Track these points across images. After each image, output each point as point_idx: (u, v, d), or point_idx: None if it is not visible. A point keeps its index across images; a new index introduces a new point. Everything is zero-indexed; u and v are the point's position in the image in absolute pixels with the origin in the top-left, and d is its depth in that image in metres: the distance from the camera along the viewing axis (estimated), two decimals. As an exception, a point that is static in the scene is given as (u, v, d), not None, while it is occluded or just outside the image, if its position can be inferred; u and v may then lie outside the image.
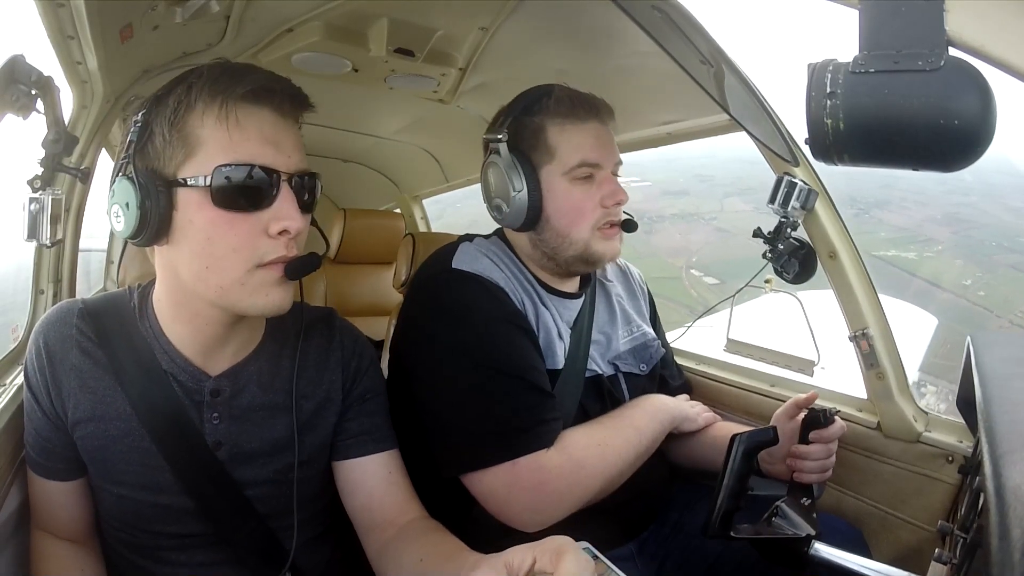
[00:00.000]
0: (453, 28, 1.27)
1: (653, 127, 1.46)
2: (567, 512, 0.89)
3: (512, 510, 0.88)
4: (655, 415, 1.05)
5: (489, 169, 1.04)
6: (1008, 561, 0.38)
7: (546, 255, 1.04)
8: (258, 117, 0.70)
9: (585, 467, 0.91)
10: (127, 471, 0.77)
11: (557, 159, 1.00)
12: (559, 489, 0.88)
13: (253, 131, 0.69)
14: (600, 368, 1.08)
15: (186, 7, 1.02)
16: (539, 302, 1.04)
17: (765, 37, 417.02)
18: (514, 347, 0.94)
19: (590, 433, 0.96)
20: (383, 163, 2.68)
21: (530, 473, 0.87)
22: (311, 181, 0.75)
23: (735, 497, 0.80)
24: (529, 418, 0.90)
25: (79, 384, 0.77)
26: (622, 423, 1.00)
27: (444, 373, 0.93)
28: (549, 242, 1.03)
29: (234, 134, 0.68)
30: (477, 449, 0.89)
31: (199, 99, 0.68)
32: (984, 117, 0.44)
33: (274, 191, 0.70)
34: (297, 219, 0.71)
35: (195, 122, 0.68)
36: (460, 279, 0.98)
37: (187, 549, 0.81)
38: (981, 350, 0.79)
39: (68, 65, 1.01)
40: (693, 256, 22.84)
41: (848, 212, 15.39)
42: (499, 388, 0.90)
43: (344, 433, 0.87)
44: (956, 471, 1.03)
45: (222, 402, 0.79)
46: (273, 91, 0.71)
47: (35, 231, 0.97)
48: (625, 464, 0.96)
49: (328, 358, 0.87)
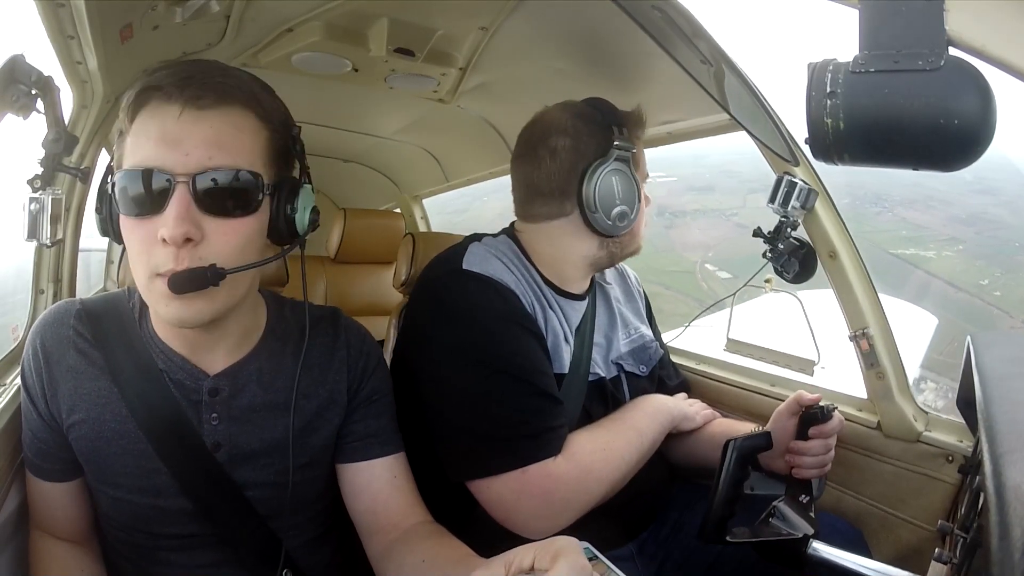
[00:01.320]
0: (453, 28, 1.27)
1: (653, 127, 1.45)
2: (574, 518, 0.89)
3: (519, 517, 0.88)
4: (655, 416, 1.05)
5: (615, 176, 1.02)
6: (1008, 561, 0.38)
7: (611, 254, 1.08)
8: (161, 114, 0.66)
9: (592, 473, 0.91)
10: (123, 473, 0.76)
11: (640, 170, 1.08)
12: (567, 497, 0.88)
13: (154, 130, 0.66)
14: (602, 370, 1.08)
15: (186, 7, 1.02)
16: (547, 305, 1.04)
17: (765, 37, 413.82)
18: (524, 350, 0.93)
19: (594, 438, 0.96)
20: (383, 163, 2.67)
21: (539, 481, 0.87)
22: (225, 178, 0.67)
23: (729, 504, 0.80)
24: (538, 424, 0.89)
25: (75, 385, 0.76)
26: (624, 425, 1.00)
27: (452, 376, 0.92)
28: (623, 242, 1.08)
29: (139, 135, 0.67)
30: (485, 456, 0.89)
31: (127, 100, 0.68)
32: (984, 117, 0.44)
33: (169, 195, 0.65)
34: (171, 225, 0.64)
35: (122, 125, 0.69)
36: (470, 280, 0.97)
37: (186, 550, 0.80)
38: (981, 350, 0.79)
39: (68, 65, 1.00)
40: (709, 251, 22.89)
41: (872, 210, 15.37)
42: (508, 393, 0.90)
43: (350, 436, 0.85)
44: (956, 471, 1.03)
45: (221, 402, 0.78)
46: (179, 85, 0.65)
47: (35, 231, 0.97)
48: (628, 467, 0.96)
49: (332, 357, 0.85)
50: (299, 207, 0.74)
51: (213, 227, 0.67)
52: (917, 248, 23.87)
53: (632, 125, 1.06)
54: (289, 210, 0.73)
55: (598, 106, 1.06)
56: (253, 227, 0.70)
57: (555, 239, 1.07)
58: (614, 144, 1.01)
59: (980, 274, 21.71)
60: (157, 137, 0.66)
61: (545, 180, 1.04)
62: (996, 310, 19.00)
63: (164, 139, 0.66)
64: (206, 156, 0.66)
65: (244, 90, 0.69)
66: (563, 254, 1.07)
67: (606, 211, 1.01)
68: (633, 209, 1.04)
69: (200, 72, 0.67)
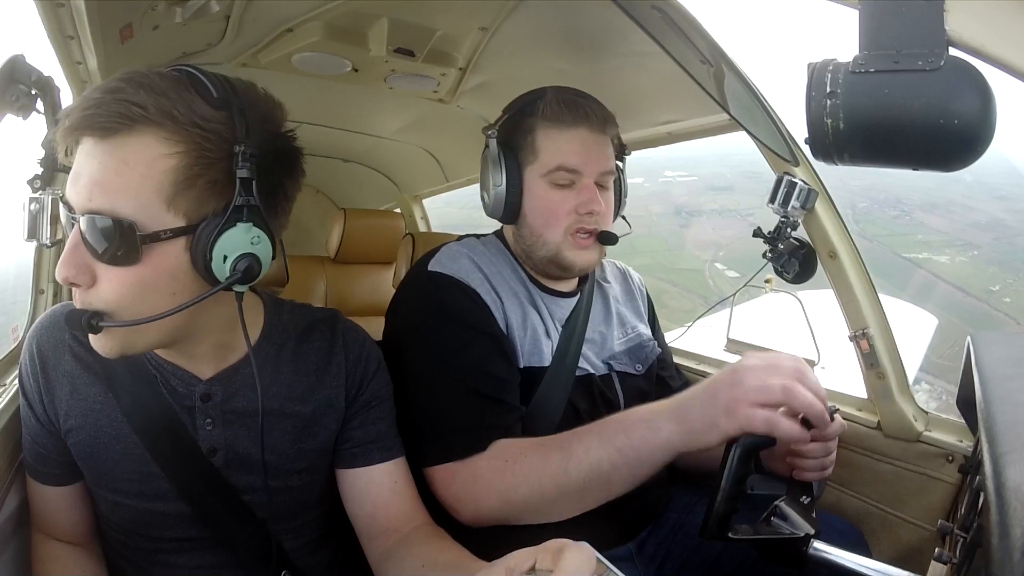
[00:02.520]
0: (453, 28, 1.27)
1: (653, 127, 1.46)
2: (501, 514, 0.87)
3: (453, 507, 0.90)
4: (622, 448, 0.83)
5: (482, 161, 1.07)
6: (1008, 561, 0.38)
7: (524, 252, 1.07)
8: (80, 144, 0.63)
9: (505, 476, 0.86)
10: (121, 478, 0.76)
11: (539, 160, 1.02)
12: (488, 489, 0.87)
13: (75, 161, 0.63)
14: (592, 367, 1.08)
15: (186, 7, 1.02)
16: (528, 301, 1.05)
17: (765, 37, 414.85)
18: (467, 351, 0.94)
19: (518, 447, 0.90)
20: (383, 163, 2.67)
21: (464, 475, 0.88)
22: (102, 223, 0.60)
23: (732, 500, 0.80)
24: (468, 421, 0.90)
25: (71, 390, 0.76)
26: (565, 444, 0.87)
27: (404, 372, 0.94)
28: (526, 239, 1.06)
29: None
30: (423, 448, 0.91)
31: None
32: (984, 117, 0.44)
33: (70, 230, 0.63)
34: (59, 267, 0.62)
35: None
36: (429, 280, 1.00)
37: (185, 552, 0.80)
38: (981, 350, 0.79)
39: (68, 65, 1.00)
40: (720, 250, 22.97)
41: (890, 213, 15.39)
42: (443, 390, 0.92)
43: (349, 441, 0.84)
44: (956, 471, 1.03)
45: (214, 407, 0.77)
46: (84, 110, 0.60)
47: (35, 231, 0.97)
48: (548, 488, 0.84)
49: (330, 362, 0.83)
50: (215, 255, 0.63)
51: (103, 271, 0.63)
52: (930, 252, 23.92)
53: (539, 109, 1.02)
54: (206, 255, 0.63)
55: (513, 101, 1.09)
56: (145, 275, 0.63)
57: (510, 236, 1.11)
58: (482, 128, 1.04)
59: (991, 280, 21.70)
60: (74, 168, 0.62)
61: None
62: (1003, 315, 18.99)
63: (74, 171, 0.62)
64: (87, 196, 0.61)
65: (153, 108, 0.60)
66: (523, 251, 1.09)
67: (489, 197, 1.05)
68: (490, 195, 1.04)
69: (113, 91, 0.61)
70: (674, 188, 8.79)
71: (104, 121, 0.60)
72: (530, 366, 1.00)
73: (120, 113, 0.60)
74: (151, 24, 1.03)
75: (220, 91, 0.65)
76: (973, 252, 24.36)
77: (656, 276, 25.25)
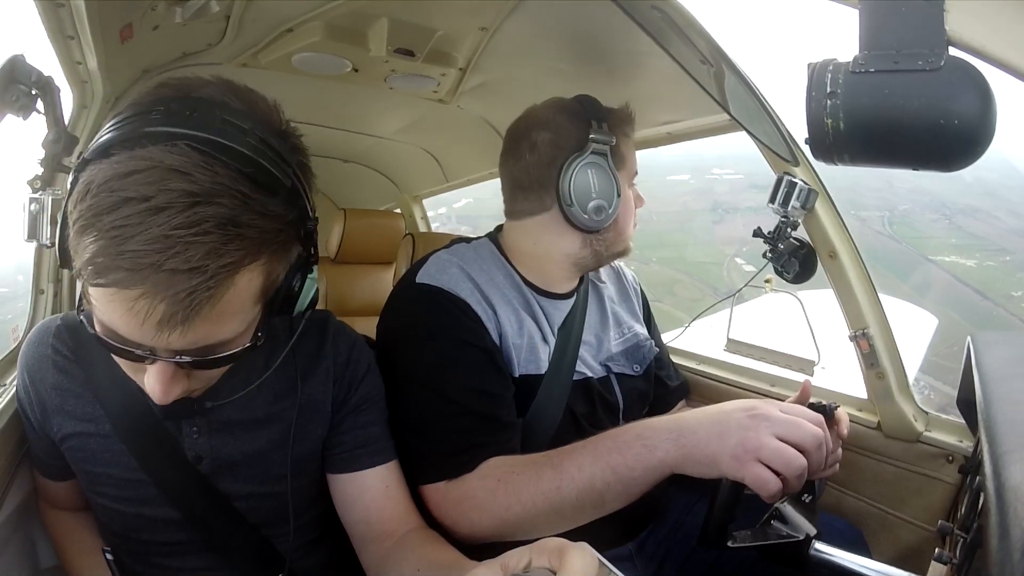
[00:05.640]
0: (453, 28, 1.27)
1: (653, 127, 1.46)
2: (495, 532, 0.86)
3: (449, 525, 0.87)
4: (616, 466, 0.81)
5: (591, 169, 1.01)
6: (1008, 561, 0.38)
7: (595, 253, 1.07)
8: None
9: (497, 496, 0.85)
10: (111, 484, 0.77)
11: (626, 167, 1.06)
12: (480, 509, 0.85)
13: (119, 309, 0.56)
14: (589, 370, 1.07)
15: (186, 7, 1.02)
16: (524, 307, 1.02)
17: (765, 37, 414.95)
18: (457, 368, 0.92)
19: (509, 465, 0.88)
20: (383, 163, 2.68)
21: (455, 494, 0.87)
22: (214, 354, 0.59)
23: (730, 508, 0.79)
24: (458, 442, 0.88)
25: (61, 402, 0.76)
26: (558, 462, 0.85)
27: (396, 391, 0.92)
28: (607, 240, 1.06)
29: (100, 300, 0.56)
30: (415, 467, 0.89)
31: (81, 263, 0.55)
32: (984, 117, 0.44)
33: (147, 359, 0.59)
34: (157, 395, 0.61)
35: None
36: (417, 293, 0.97)
37: (178, 555, 0.80)
38: (981, 350, 0.79)
39: (68, 65, 1.00)
40: (744, 246, 22.96)
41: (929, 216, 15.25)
42: (435, 410, 0.90)
43: (340, 446, 0.83)
44: (956, 471, 1.03)
45: (200, 414, 0.76)
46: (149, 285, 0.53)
47: (35, 231, 0.97)
48: (550, 506, 0.83)
49: (317, 366, 0.82)
50: (296, 312, 0.67)
51: (199, 371, 0.63)
52: (959, 256, 23.81)
53: (616, 121, 1.04)
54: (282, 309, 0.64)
55: (582, 102, 1.05)
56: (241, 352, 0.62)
57: (538, 236, 1.06)
58: (590, 137, 1.00)
59: (1016, 285, 21.62)
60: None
61: (525, 174, 1.04)
62: (1018, 321, 18.91)
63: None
64: (191, 343, 0.56)
65: (244, 255, 0.54)
66: (545, 251, 1.06)
67: (582, 205, 1.00)
68: (611, 204, 1.01)
69: (201, 267, 0.51)
70: (717, 185, 8.83)
71: (201, 307, 0.53)
72: (527, 374, 0.98)
73: (212, 291, 0.53)
74: (151, 24, 1.03)
75: (284, 174, 0.58)
76: (1005, 258, 24.16)
77: (675, 268, 25.20)
